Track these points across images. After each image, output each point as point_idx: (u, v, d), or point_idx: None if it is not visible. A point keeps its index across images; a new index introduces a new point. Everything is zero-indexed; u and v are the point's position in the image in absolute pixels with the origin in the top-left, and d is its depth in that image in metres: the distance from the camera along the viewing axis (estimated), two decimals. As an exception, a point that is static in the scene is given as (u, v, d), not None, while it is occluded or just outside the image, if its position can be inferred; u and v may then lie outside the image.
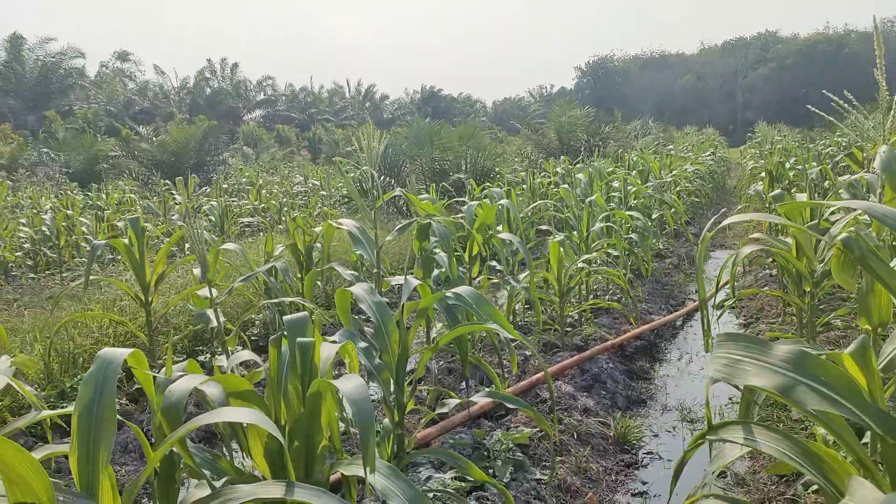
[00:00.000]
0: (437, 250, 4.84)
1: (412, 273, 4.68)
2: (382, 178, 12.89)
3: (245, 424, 2.12)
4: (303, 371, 2.07)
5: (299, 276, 6.45)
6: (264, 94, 51.83)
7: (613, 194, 8.88)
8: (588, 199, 6.60)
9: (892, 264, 2.01)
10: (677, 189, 11.11)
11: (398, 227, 3.97)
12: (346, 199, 12.11)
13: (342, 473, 2.05)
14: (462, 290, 2.79)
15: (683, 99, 66.22)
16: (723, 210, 12.83)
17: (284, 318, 2.16)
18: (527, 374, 4.98)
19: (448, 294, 2.77)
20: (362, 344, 2.78)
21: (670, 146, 20.84)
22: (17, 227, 9.57)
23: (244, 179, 16.30)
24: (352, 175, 11.36)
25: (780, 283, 6.16)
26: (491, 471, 3.48)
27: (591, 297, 6.48)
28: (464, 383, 4.76)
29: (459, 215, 7.26)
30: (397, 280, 3.85)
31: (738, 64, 66.45)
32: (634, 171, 10.59)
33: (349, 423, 3.26)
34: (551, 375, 4.79)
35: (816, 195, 9.00)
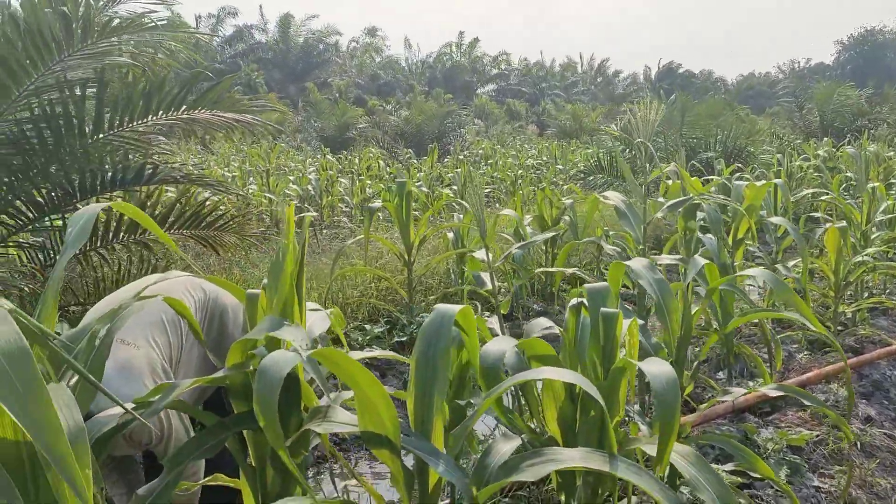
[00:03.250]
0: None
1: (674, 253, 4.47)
2: (624, 153, 12.54)
3: (540, 388, 2.14)
4: (605, 342, 2.03)
5: (543, 248, 6.49)
6: (498, 69, 52.74)
7: (893, 181, 7.86)
8: (870, 186, 5.87)
9: None
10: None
11: (668, 203, 3.80)
12: (582, 175, 11.96)
13: (639, 449, 2.00)
14: (758, 272, 2.59)
15: (974, 76, 56.83)
16: None
17: (587, 286, 2.14)
18: (790, 372, 4.60)
19: (741, 275, 2.58)
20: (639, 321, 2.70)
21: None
22: (286, 185, 10.61)
23: (480, 151, 16.77)
24: (601, 150, 11.16)
25: None
26: (747, 464, 3.24)
27: (867, 295, 5.80)
28: (721, 373, 4.50)
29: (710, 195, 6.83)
30: (664, 259, 3.70)
31: None
32: (918, 157, 9.28)
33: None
34: (823, 376, 4.37)
35: None
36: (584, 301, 2.14)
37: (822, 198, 6.36)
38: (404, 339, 4.96)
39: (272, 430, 1.34)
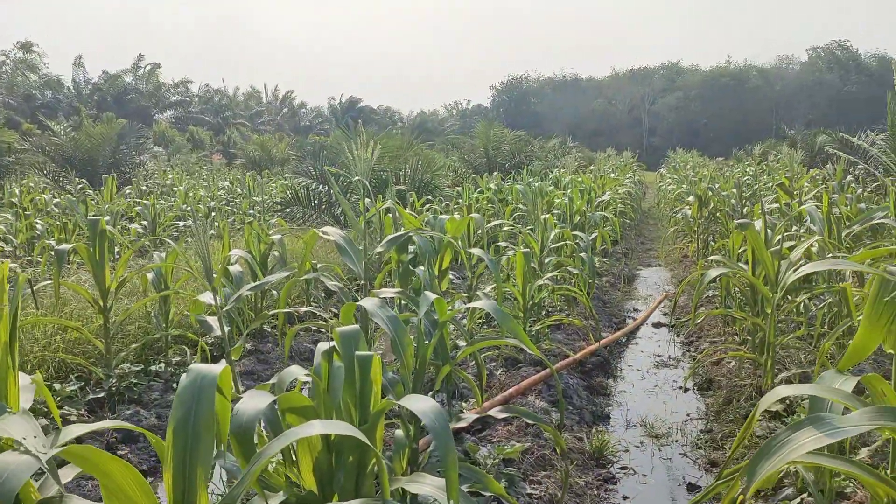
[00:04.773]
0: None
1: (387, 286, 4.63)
2: (316, 186, 12.71)
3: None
4: (362, 386, 2.02)
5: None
6: (178, 96, 49.99)
7: (555, 212, 9.09)
8: (542, 218, 6.72)
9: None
10: (609, 209, 11.49)
11: (388, 238, 3.93)
12: (280, 207, 11.85)
13: (405, 490, 2.01)
14: (484, 304, 2.80)
15: (595, 121, 68.38)
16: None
17: (338, 329, 2.11)
18: (492, 389, 5.02)
19: (471, 307, 2.77)
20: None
21: (591, 167, 21.54)
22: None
23: (168, 182, 15.69)
24: (298, 181, 11.12)
25: (722, 304, 6.44)
26: (481, 485, 3.47)
27: (544, 313, 6.59)
28: (437, 396, 4.74)
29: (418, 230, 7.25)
30: (385, 292, 3.81)
31: (646, 91, 69.33)
32: (570, 190, 10.86)
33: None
34: (522, 391, 4.85)
35: (743, 219, 9.47)
36: (336, 346, 2.11)
37: (505, 228, 7.10)
38: (101, 395, 4.41)
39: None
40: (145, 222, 9.09)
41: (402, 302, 4.50)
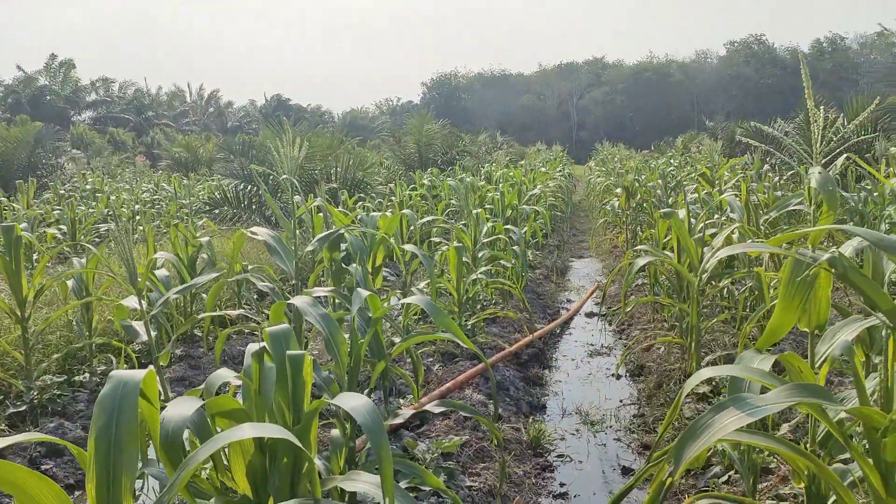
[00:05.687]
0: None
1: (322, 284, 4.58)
2: (245, 186, 12.47)
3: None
4: (294, 386, 1.99)
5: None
6: (98, 95, 48.12)
7: (487, 206, 9.15)
8: (475, 212, 6.76)
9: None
10: (541, 203, 11.65)
11: (319, 237, 3.89)
12: (209, 208, 11.57)
13: (342, 489, 2.00)
14: (417, 300, 2.80)
15: (524, 117, 69.18)
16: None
17: (268, 329, 2.07)
18: (430, 384, 5.03)
19: (405, 302, 2.76)
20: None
21: (522, 161, 21.77)
22: None
23: (88, 186, 15.12)
24: (227, 182, 10.87)
25: (651, 291, 6.62)
26: (419, 480, 3.48)
27: (479, 307, 6.64)
28: (373, 394, 4.72)
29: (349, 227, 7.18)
30: (317, 291, 3.77)
31: (573, 86, 70.59)
32: (502, 185, 10.95)
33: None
34: (459, 385, 4.88)
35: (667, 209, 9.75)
36: (266, 346, 2.07)
37: (438, 224, 7.11)
38: (23, 408, 4.22)
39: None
40: (64, 227, 8.73)
41: (336, 300, 4.47)
